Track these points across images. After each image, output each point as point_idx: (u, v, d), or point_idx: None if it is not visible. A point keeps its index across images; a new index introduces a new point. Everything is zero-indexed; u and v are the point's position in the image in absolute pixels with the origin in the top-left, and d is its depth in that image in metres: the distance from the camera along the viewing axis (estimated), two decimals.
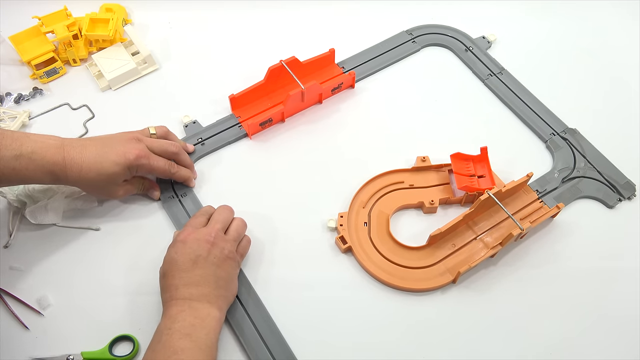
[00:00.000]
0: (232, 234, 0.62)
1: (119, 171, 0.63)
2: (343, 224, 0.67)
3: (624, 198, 0.71)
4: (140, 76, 0.82)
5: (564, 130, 0.76)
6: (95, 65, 0.81)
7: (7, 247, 0.66)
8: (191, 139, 0.75)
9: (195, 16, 0.89)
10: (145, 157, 0.64)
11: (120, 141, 0.64)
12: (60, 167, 0.60)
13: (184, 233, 0.60)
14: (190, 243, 0.59)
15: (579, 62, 0.84)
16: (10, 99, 0.79)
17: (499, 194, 0.65)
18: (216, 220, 0.62)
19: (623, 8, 0.90)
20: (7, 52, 0.82)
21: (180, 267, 0.58)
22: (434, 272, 0.65)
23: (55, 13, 0.81)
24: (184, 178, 0.70)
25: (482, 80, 0.81)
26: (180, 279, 0.57)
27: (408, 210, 0.70)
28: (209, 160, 0.74)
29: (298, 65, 0.77)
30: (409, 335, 0.62)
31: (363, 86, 0.82)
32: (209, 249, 0.59)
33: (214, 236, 0.60)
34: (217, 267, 0.59)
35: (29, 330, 0.61)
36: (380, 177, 0.71)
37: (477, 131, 0.77)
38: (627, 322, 0.63)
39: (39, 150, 0.59)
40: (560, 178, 0.72)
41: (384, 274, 0.64)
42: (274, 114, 0.76)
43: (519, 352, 0.61)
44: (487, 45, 0.85)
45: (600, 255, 0.67)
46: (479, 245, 0.66)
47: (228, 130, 0.76)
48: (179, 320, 0.54)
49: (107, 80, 0.79)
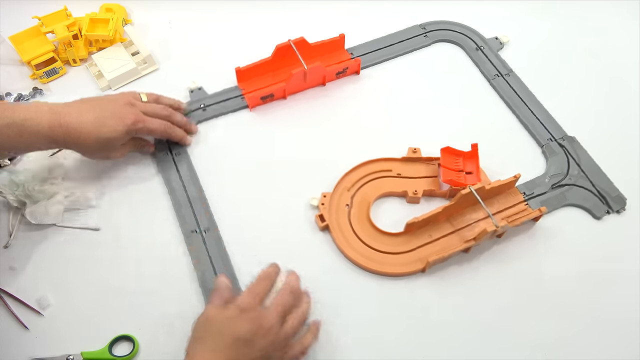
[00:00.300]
0: (287, 331, 0.54)
1: (118, 136, 0.65)
2: (325, 203, 0.69)
3: (612, 211, 0.70)
4: (140, 76, 0.82)
5: (562, 137, 0.75)
6: (95, 65, 0.81)
7: (7, 247, 0.66)
8: (194, 104, 0.78)
9: (195, 16, 0.89)
10: (141, 121, 0.67)
11: (115, 106, 0.66)
12: (58, 133, 0.61)
13: (244, 302, 0.54)
14: (245, 319, 0.52)
15: (589, 69, 0.83)
16: (10, 99, 0.79)
17: (481, 191, 0.65)
18: (277, 304, 0.55)
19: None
20: (7, 52, 0.82)
21: (218, 339, 0.51)
22: (406, 259, 0.65)
23: (55, 13, 0.81)
24: (179, 137, 0.72)
25: (488, 80, 0.81)
26: (212, 350, 0.51)
27: (392, 198, 0.71)
28: (208, 125, 0.77)
29: (306, 46, 0.78)
30: (374, 315, 0.63)
31: (369, 74, 0.83)
32: (259, 337, 0.52)
33: (271, 324, 0.53)
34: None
35: (28, 330, 0.61)
36: (369, 163, 0.72)
37: (475, 129, 0.77)
38: (595, 325, 0.63)
39: (33, 117, 0.60)
40: (550, 183, 0.71)
41: (356, 255, 0.66)
42: (276, 89, 0.78)
43: (481, 344, 0.62)
44: (499, 46, 0.85)
45: (580, 262, 0.66)
46: (455, 239, 0.67)
47: (230, 100, 0.79)
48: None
49: (107, 80, 0.79)
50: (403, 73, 0.83)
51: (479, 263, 0.67)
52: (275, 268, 0.60)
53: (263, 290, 0.56)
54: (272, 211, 0.70)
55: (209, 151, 0.75)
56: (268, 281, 0.57)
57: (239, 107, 0.78)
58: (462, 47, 0.85)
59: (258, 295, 0.55)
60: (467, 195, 0.65)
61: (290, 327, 0.55)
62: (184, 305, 0.62)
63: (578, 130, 0.76)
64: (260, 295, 0.56)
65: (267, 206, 0.70)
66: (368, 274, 0.65)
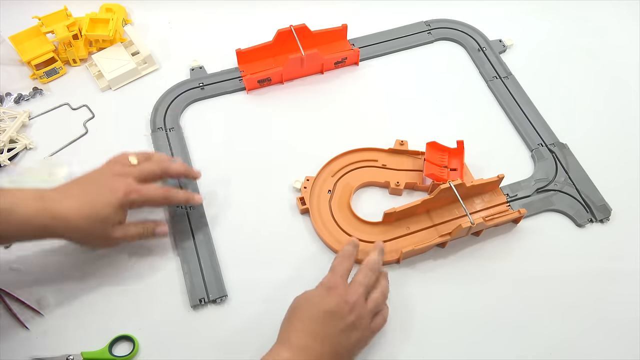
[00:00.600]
0: (370, 304, 0.58)
1: (111, 211, 0.58)
2: (307, 187, 0.70)
3: (595, 220, 0.69)
4: (140, 76, 0.81)
5: (553, 143, 0.75)
6: (95, 65, 0.81)
7: (7, 248, 0.66)
8: (193, 82, 0.80)
9: (195, 16, 0.89)
10: (135, 191, 0.60)
11: (104, 180, 0.60)
12: (44, 218, 0.56)
13: (332, 281, 0.57)
14: (333, 295, 0.56)
15: (590, 73, 0.83)
16: (10, 99, 0.78)
17: (461, 188, 0.66)
18: (360, 283, 0.58)
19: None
20: (7, 52, 0.82)
21: (310, 314, 0.55)
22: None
23: (55, 13, 0.81)
24: (184, 200, 0.66)
25: (486, 81, 0.81)
26: (304, 324, 0.55)
27: (375, 188, 0.72)
28: (204, 104, 0.79)
29: (307, 33, 0.79)
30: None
31: (368, 65, 0.83)
32: (346, 312, 0.55)
33: (355, 300, 0.56)
34: (344, 332, 0.55)
35: (29, 330, 0.61)
36: (355, 152, 0.73)
37: (467, 128, 0.77)
38: (564, 327, 0.62)
39: (19, 203, 0.55)
40: (535, 187, 0.71)
41: (333, 241, 0.66)
42: (273, 73, 0.79)
43: (445, 338, 0.62)
44: (501, 49, 0.85)
45: (556, 267, 0.66)
46: (432, 233, 0.67)
47: (229, 81, 0.80)
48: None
49: (107, 81, 0.79)
50: (402, 67, 0.83)
51: (454, 259, 0.67)
52: (354, 246, 0.62)
53: (345, 269, 0.59)
54: (256, 191, 0.71)
55: (202, 129, 0.77)
56: (348, 260, 0.60)
57: (236, 89, 0.80)
58: (464, 47, 0.85)
59: (340, 274, 0.58)
60: (446, 190, 0.65)
61: (373, 301, 0.59)
62: (184, 304, 0.63)
63: (572, 137, 0.76)
64: (342, 273, 0.59)
65: (252, 186, 0.72)
66: None
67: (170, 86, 0.80)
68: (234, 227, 0.69)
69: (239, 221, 0.69)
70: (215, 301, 0.63)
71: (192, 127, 0.77)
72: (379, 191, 0.72)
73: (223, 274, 0.65)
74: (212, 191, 0.71)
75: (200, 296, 0.62)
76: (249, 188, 0.72)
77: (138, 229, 0.62)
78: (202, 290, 0.63)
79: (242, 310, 0.63)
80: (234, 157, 0.74)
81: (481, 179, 0.68)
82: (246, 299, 0.64)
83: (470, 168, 0.72)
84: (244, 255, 0.67)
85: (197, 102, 0.79)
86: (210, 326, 0.62)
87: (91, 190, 0.59)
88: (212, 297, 0.62)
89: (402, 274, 0.66)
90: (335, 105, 0.79)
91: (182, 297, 0.63)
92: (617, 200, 0.71)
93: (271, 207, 0.70)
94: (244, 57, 0.80)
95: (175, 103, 0.78)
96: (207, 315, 0.63)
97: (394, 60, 0.84)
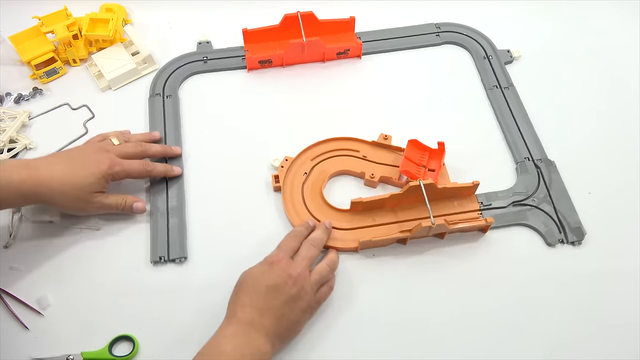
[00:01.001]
0: (315, 276, 0.61)
1: (94, 181, 0.63)
2: (285, 166, 0.72)
3: (567, 241, 0.68)
4: (141, 76, 0.82)
5: (540, 159, 0.74)
6: (95, 65, 0.81)
7: (7, 247, 0.66)
8: (198, 55, 0.83)
9: (195, 16, 0.89)
10: (118, 164, 0.65)
11: (88, 154, 0.65)
12: (29, 185, 0.60)
13: (275, 256, 0.60)
14: (275, 270, 0.59)
15: (593, 95, 0.82)
16: (10, 99, 0.79)
17: (431, 188, 0.66)
18: (303, 257, 0.61)
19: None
20: (7, 52, 0.82)
21: (255, 288, 0.58)
22: (344, 236, 0.67)
23: (55, 13, 0.81)
24: (163, 172, 0.70)
25: (486, 89, 0.81)
26: (250, 298, 0.57)
27: (351, 178, 0.73)
28: (204, 77, 0.82)
29: (314, 21, 0.81)
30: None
31: (371, 59, 0.84)
32: (289, 285, 0.58)
33: (298, 273, 0.59)
34: (288, 304, 0.58)
35: (29, 330, 0.61)
36: (339, 140, 0.74)
37: (458, 133, 0.77)
38: (501, 344, 0.62)
39: (4, 171, 0.59)
40: (512, 200, 0.70)
41: (298, 221, 0.68)
42: (274, 56, 0.81)
43: (389, 333, 0.62)
44: (508, 59, 0.84)
45: (514, 280, 0.66)
46: (395, 228, 0.67)
47: (232, 58, 0.83)
48: (231, 345, 0.54)
49: (107, 81, 0.79)
50: (405, 66, 0.84)
51: (414, 258, 0.67)
52: (306, 228, 0.65)
53: (291, 247, 0.62)
54: (238, 166, 0.74)
55: (198, 100, 0.80)
56: (296, 239, 0.63)
57: (237, 67, 0.82)
58: (470, 53, 0.85)
59: (285, 251, 0.61)
60: (415, 188, 0.65)
61: (317, 273, 0.61)
62: (183, 303, 0.63)
63: (562, 155, 0.74)
64: (287, 250, 0.61)
65: (235, 160, 0.74)
66: None
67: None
68: (208, 196, 0.71)
69: (215, 192, 0.71)
70: (175, 261, 0.65)
71: (189, 98, 0.80)
72: (355, 182, 0.73)
73: (189, 238, 0.67)
74: (196, 160, 0.74)
75: (161, 254, 0.65)
76: (231, 162, 0.74)
77: (118, 199, 0.66)
78: (164, 249, 0.66)
79: (200, 274, 0.65)
80: (224, 131, 0.77)
81: (455, 183, 0.68)
82: (206, 263, 0.66)
83: (451, 171, 0.72)
84: (213, 224, 0.69)
85: (198, 74, 0.82)
86: (169, 284, 0.64)
87: (76, 161, 0.63)
88: (172, 257, 0.65)
89: (359, 262, 0.66)
90: (331, 94, 0.81)
91: (181, 295, 0.64)
92: (595, 225, 0.69)
93: (248, 182, 0.72)
94: (250, 37, 0.83)
95: (178, 72, 0.81)
96: (166, 273, 0.65)
97: (398, 58, 0.85)
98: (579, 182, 0.72)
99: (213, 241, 0.68)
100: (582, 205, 0.71)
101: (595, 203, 0.71)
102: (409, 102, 0.80)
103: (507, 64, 0.84)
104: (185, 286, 0.64)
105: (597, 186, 0.73)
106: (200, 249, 0.67)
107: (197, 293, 0.64)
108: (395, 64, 0.84)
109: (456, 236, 0.68)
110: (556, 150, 0.75)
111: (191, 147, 0.75)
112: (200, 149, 0.75)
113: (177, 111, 0.78)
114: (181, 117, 0.78)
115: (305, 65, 0.83)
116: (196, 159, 0.74)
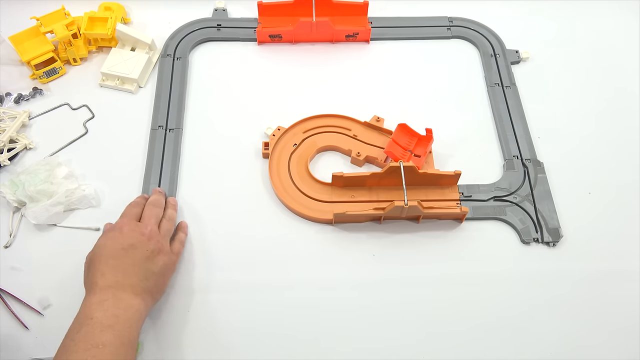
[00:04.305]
0: (162, 232, 0.63)
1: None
2: (276, 135, 0.74)
3: (542, 241, 0.68)
4: (153, 65, 0.82)
5: (529, 158, 0.74)
6: (110, 75, 0.80)
7: (7, 247, 0.67)
8: (212, 21, 0.86)
9: (195, 16, 0.88)
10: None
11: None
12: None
13: (120, 222, 0.61)
14: (125, 232, 0.59)
15: (595, 101, 0.81)
16: (10, 99, 0.78)
17: (411, 171, 0.67)
18: (149, 216, 0.63)
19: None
20: (7, 52, 0.81)
21: (111, 254, 0.58)
22: (320, 207, 0.69)
23: (52, 13, 0.81)
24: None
25: (487, 86, 0.81)
26: (108, 265, 0.57)
27: (339, 155, 0.75)
28: (215, 46, 0.85)
29: (327, 1, 0.83)
30: (275, 239, 0.68)
31: (379, 45, 0.86)
32: (145, 241, 0.59)
33: (149, 229, 0.61)
34: (149, 259, 0.59)
35: (29, 330, 0.61)
36: (333, 117, 0.76)
37: (452, 125, 0.78)
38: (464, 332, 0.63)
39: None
40: (493, 194, 0.71)
41: (280, 188, 0.70)
42: (285, 31, 0.83)
43: (349, 310, 0.64)
44: (515, 59, 0.84)
45: (483, 271, 0.66)
46: (372, 207, 0.69)
47: (245, 29, 0.86)
48: (101, 310, 0.53)
49: (136, 79, 0.79)
50: (411, 55, 0.85)
51: (387, 238, 0.69)
52: (141, 198, 0.67)
53: (134, 214, 0.64)
54: (234, 130, 0.77)
55: (205, 66, 0.83)
56: (137, 207, 0.65)
57: (248, 38, 0.85)
58: (478, 49, 0.85)
59: (129, 217, 0.63)
60: (395, 168, 0.67)
61: (163, 229, 0.64)
62: (183, 304, 0.64)
63: (552, 158, 0.75)
64: (131, 217, 0.63)
65: (233, 127, 0.77)
66: (285, 208, 0.70)
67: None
68: (201, 157, 0.74)
69: (208, 154, 0.75)
70: None
71: (198, 63, 0.83)
72: (342, 159, 0.75)
73: (178, 194, 0.71)
74: (196, 123, 0.77)
75: None
76: (228, 128, 0.77)
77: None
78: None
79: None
80: (226, 98, 0.80)
81: (437, 170, 0.69)
82: (185, 218, 0.70)
83: (439, 159, 0.73)
84: (201, 181, 0.72)
85: (209, 42, 0.85)
86: None
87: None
88: None
89: (333, 236, 0.69)
90: (334, 74, 0.83)
91: (181, 295, 0.65)
92: (573, 229, 0.69)
93: (240, 148, 0.75)
94: (264, 10, 0.85)
95: (190, 36, 0.85)
96: None
97: (406, 47, 0.86)
98: (564, 185, 0.72)
99: (199, 197, 0.71)
100: (566, 208, 0.71)
101: (577, 208, 0.71)
102: (409, 89, 0.81)
103: (514, 64, 0.84)
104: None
105: (585, 191, 0.73)
106: (185, 204, 0.70)
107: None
108: (402, 52, 0.85)
109: (433, 223, 0.69)
110: (548, 153, 0.75)
111: (192, 108, 0.78)
112: (202, 112, 0.78)
113: (184, 75, 0.81)
114: (188, 82, 0.81)
115: (314, 44, 0.86)
116: (197, 121, 0.77)
